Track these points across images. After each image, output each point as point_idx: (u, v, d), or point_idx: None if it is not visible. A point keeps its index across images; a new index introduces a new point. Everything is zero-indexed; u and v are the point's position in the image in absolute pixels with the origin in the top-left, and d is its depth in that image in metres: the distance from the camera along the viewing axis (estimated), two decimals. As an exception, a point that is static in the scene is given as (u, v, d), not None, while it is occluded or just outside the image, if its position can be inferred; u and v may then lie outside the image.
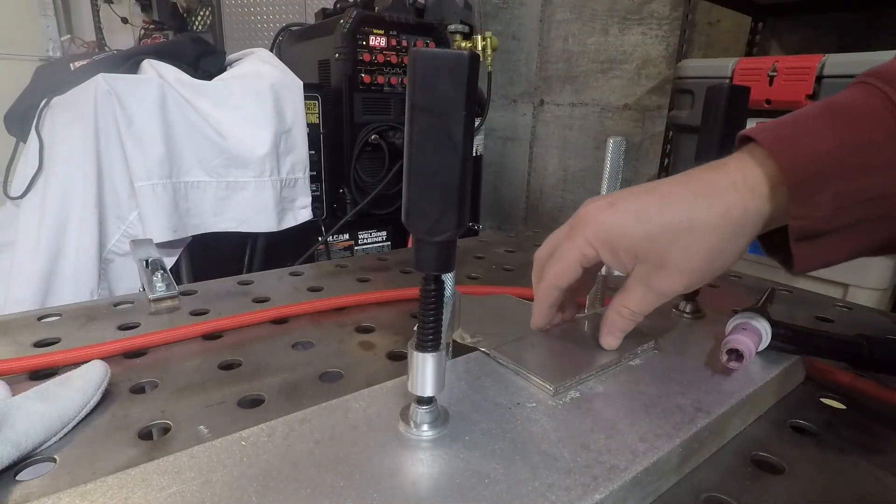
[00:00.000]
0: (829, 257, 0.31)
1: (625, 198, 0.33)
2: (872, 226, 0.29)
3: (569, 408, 0.30)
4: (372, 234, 1.60)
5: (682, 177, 0.33)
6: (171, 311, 0.51)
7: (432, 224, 0.23)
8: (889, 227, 0.30)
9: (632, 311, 0.34)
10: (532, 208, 2.54)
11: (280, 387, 0.38)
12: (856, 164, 0.28)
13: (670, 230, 0.31)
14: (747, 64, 1.24)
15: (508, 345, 0.36)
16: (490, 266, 0.69)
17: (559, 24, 2.24)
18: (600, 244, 0.33)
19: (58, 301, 1.07)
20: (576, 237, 0.34)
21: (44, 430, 0.30)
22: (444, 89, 0.22)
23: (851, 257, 0.31)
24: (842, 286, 1.16)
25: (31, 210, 1.11)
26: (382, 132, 1.50)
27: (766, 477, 0.30)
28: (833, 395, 0.39)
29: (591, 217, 0.34)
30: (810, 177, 0.29)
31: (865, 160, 0.28)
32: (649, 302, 0.34)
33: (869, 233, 0.30)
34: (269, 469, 0.24)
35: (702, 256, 0.31)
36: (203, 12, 2.08)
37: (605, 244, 0.33)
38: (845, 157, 0.28)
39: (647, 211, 0.32)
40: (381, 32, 1.44)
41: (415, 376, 0.26)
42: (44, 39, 2.38)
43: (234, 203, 1.24)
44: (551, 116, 2.35)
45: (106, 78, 1.05)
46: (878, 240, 0.30)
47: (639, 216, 0.32)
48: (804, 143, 0.29)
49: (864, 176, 0.28)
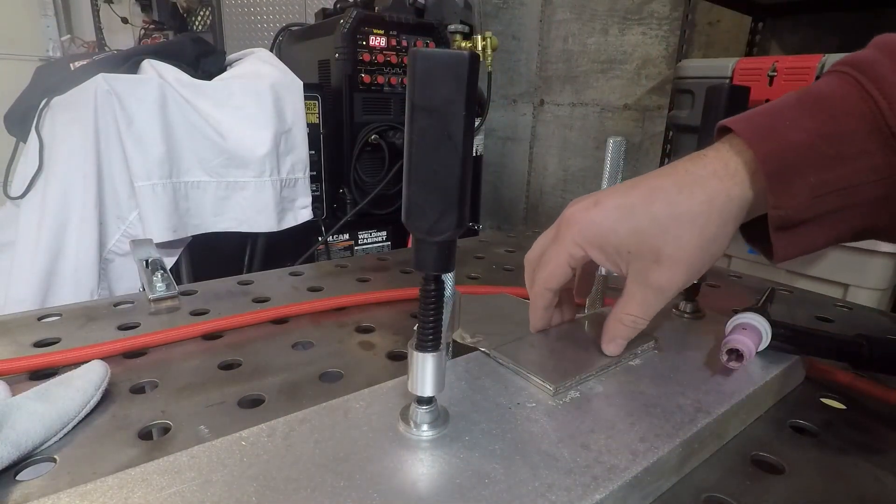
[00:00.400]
0: (808, 245, 0.31)
1: (609, 195, 0.33)
2: (849, 214, 0.30)
3: (569, 408, 0.30)
4: (372, 234, 1.60)
5: (664, 170, 0.33)
6: (171, 311, 0.51)
7: (432, 224, 0.23)
8: (865, 215, 0.30)
9: (634, 317, 0.34)
10: (532, 208, 2.54)
11: (280, 387, 0.38)
12: (831, 153, 0.29)
13: (657, 223, 0.31)
14: (747, 64, 1.24)
15: (508, 345, 0.36)
16: (490, 266, 0.69)
17: (559, 24, 2.24)
18: (588, 244, 0.33)
19: (58, 301, 1.07)
20: (562, 239, 0.34)
21: (44, 430, 0.30)
22: (444, 89, 0.22)
23: (829, 244, 0.31)
24: (842, 286, 1.16)
25: (31, 210, 1.11)
26: (382, 132, 1.50)
27: (765, 477, 0.30)
28: (833, 395, 0.39)
29: (576, 217, 0.34)
30: (787, 167, 0.29)
31: (841, 150, 0.29)
32: (651, 304, 0.33)
33: (846, 221, 0.30)
34: (269, 469, 0.24)
35: (694, 244, 0.31)
36: (203, 12, 2.08)
37: (593, 243, 0.33)
38: (821, 146, 0.29)
39: (632, 206, 0.32)
40: (381, 32, 1.44)
41: (415, 376, 0.26)
42: (44, 39, 2.38)
43: (234, 203, 1.24)
44: (551, 116, 2.35)
45: (106, 78, 1.05)
46: (854, 227, 0.31)
47: (624, 212, 0.32)
48: (781, 133, 0.29)
49: (839, 165, 0.29)
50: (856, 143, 0.28)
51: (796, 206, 0.29)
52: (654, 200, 0.31)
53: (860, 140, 0.28)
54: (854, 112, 0.28)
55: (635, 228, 0.31)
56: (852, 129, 0.28)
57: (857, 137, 0.28)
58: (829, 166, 0.29)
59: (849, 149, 0.28)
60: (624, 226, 0.32)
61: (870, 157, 0.28)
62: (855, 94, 0.29)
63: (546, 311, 0.38)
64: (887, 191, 0.29)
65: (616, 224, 0.32)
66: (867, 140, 0.28)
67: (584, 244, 0.33)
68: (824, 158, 0.29)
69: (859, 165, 0.28)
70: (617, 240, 0.32)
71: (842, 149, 0.29)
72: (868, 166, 0.28)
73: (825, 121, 0.29)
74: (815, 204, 0.29)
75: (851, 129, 0.28)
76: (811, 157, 0.29)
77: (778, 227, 0.30)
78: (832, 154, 0.29)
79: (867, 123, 0.28)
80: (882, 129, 0.28)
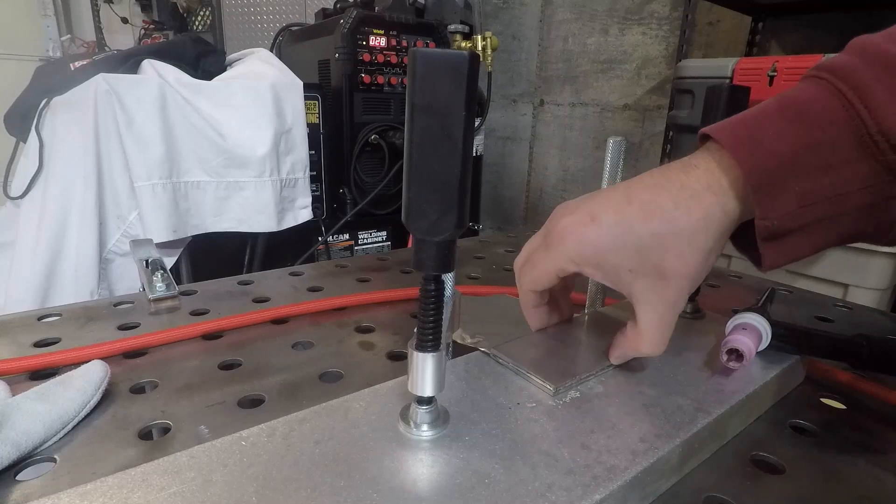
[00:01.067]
0: (795, 254, 0.31)
1: (604, 209, 0.32)
2: (835, 222, 0.30)
3: (569, 408, 0.30)
4: (372, 234, 1.60)
5: (656, 180, 0.32)
6: (171, 311, 0.51)
7: (432, 224, 0.23)
8: (852, 223, 0.30)
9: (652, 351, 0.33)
10: (532, 208, 2.54)
11: (280, 387, 0.38)
12: (815, 163, 0.29)
13: (658, 239, 0.31)
14: (747, 64, 1.24)
15: (508, 345, 0.36)
16: (490, 266, 0.69)
17: (559, 24, 2.24)
18: (585, 262, 0.33)
19: (58, 301, 1.07)
20: (554, 252, 0.33)
21: (44, 430, 0.30)
22: (444, 89, 0.22)
23: (817, 251, 0.31)
24: (842, 286, 1.16)
25: (31, 210, 1.11)
26: (382, 132, 1.50)
27: (765, 477, 0.30)
28: (833, 395, 0.39)
29: (571, 234, 0.33)
30: (772, 179, 0.29)
31: (824, 159, 0.29)
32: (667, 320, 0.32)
33: (832, 228, 0.30)
34: (269, 469, 0.24)
35: (696, 259, 0.31)
36: (203, 12, 2.08)
37: (590, 262, 0.32)
38: (804, 156, 0.29)
39: (630, 224, 0.31)
40: (381, 32, 1.44)
41: (415, 376, 0.26)
42: (44, 39, 2.38)
43: (234, 203, 1.24)
44: (551, 116, 2.35)
45: (106, 78, 1.05)
46: (841, 233, 0.31)
47: (624, 229, 0.31)
48: (763, 144, 0.29)
49: (823, 174, 0.29)
50: (840, 152, 0.28)
51: (782, 217, 0.29)
52: (652, 217, 0.31)
53: (844, 149, 0.28)
54: (837, 121, 0.28)
55: (637, 246, 0.31)
56: (836, 138, 0.28)
57: (840, 147, 0.28)
58: (814, 176, 0.29)
59: (833, 158, 0.28)
60: (626, 244, 0.31)
61: (854, 166, 0.28)
62: (836, 104, 0.28)
63: (536, 310, 0.38)
64: (873, 199, 0.29)
65: (616, 243, 0.31)
66: (851, 149, 0.28)
67: (581, 262, 0.33)
68: (809, 168, 0.29)
69: (844, 174, 0.28)
70: (617, 259, 0.32)
71: (826, 159, 0.29)
72: (853, 175, 0.28)
73: (806, 130, 0.29)
74: (802, 214, 0.29)
75: (835, 139, 0.28)
76: (796, 167, 0.29)
77: (765, 237, 0.30)
78: (817, 164, 0.29)
79: (850, 133, 0.28)
80: (864, 138, 0.28)
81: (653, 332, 0.32)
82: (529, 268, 0.35)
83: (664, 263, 0.31)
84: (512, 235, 0.86)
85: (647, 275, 0.31)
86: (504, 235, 0.86)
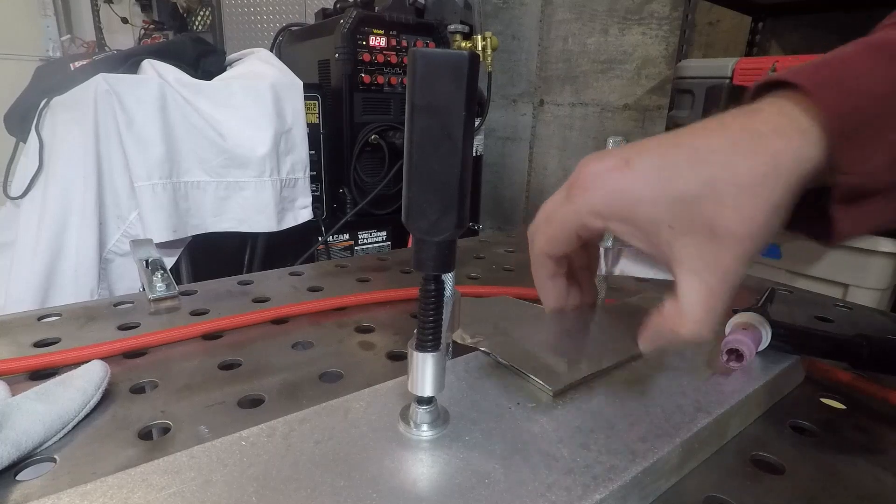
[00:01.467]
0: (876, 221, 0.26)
1: (642, 153, 0.26)
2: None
3: (569, 408, 0.30)
4: (372, 234, 1.60)
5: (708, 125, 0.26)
6: (171, 311, 0.51)
7: (432, 224, 0.23)
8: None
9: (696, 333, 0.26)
10: (532, 208, 2.53)
11: (280, 387, 0.38)
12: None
13: (712, 188, 0.24)
14: (747, 64, 1.24)
15: (508, 345, 0.36)
16: (490, 266, 0.69)
17: (559, 24, 2.24)
18: (613, 215, 0.26)
19: (58, 301, 1.07)
20: (576, 204, 0.27)
21: (44, 430, 0.30)
22: (444, 89, 0.22)
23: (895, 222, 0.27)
24: (842, 286, 1.16)
25: (31, 210, 1.11)
26: (382, 132, 1.50)
27: (765, 477, 0.30)
28: (833, 395, 0.39)
29: (598, 180, 0.26)
30: (863, 123, 0.24)
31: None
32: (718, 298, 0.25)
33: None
34: (269, 469, 0.24)
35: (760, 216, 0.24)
36: (203, 12, 2.08)
37: (619, 215, 0.26)
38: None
39: (675, 169, 0.25)
40: (381, 32, 1.44)
41: (415, 376, 0.26)
42: (44, 39, 2.38)
43: (234, 203, 1.24)
44: (551, 116, 2.35)
45: (106, 78, 1.05)
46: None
47: (666, 176, 0.25)
48: (852, 84, 0.24)
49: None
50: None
51: (870, 172, 0.24)
52: (704, 162, 0.25)
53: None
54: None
55: (681, 197, 0.25)
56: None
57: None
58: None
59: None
60: (667, 193, 0.25)
61: None
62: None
63: (551, 282, 0.31)
64: None
65: (654, 191, 0.25)
66: None
67: (608, 215, 0.26)
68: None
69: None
70: (655, 212, 0.25)
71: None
72: None
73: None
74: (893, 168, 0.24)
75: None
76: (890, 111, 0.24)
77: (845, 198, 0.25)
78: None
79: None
80: None
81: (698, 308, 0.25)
82: (546, 224, 0.29)
83: (718, 219, 0.24)
84: (512, 235, 0.86)
85: (693, 233, 0.25)
86: (504, 235, 0.86)
